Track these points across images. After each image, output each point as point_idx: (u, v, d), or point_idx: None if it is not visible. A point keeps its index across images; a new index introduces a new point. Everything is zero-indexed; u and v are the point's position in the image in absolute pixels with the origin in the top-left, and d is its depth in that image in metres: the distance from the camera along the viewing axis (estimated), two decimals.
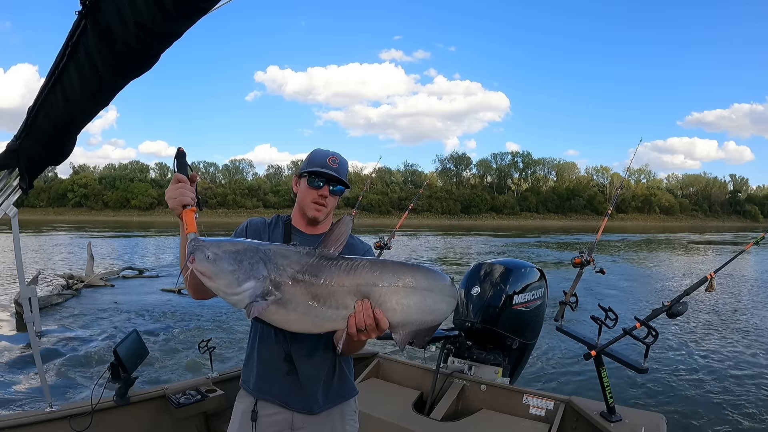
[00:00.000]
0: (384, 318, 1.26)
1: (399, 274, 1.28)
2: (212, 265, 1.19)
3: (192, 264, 1.20)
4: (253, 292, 1.20)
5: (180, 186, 1.36)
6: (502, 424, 2.70)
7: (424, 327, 1.32)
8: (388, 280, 1.27)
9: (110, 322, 8.66)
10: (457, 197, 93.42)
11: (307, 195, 1.62)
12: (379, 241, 4.12)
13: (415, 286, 1.28)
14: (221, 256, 1.20)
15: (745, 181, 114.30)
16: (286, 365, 1.58)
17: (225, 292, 1.21)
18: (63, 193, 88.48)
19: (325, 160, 1.62)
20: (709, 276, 2.51)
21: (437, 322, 1.33)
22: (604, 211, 3.86)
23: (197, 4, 1.44)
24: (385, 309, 1.26)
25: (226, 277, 1.20)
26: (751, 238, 3.07)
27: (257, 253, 1.24)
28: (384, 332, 1.30)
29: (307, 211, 1.63)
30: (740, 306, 11.11)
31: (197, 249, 1.21)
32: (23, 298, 2.23)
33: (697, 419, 4.99)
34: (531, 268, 3.50)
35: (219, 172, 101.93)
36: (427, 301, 1.30)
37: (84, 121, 1.80)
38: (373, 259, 1.36)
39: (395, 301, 1.27)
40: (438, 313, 1.32)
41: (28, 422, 2.22)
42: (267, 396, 1.61)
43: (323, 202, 1.62)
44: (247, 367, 1.70)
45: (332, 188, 1.62)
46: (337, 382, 1.66)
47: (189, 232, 1.29)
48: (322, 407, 1.62)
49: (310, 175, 1.61)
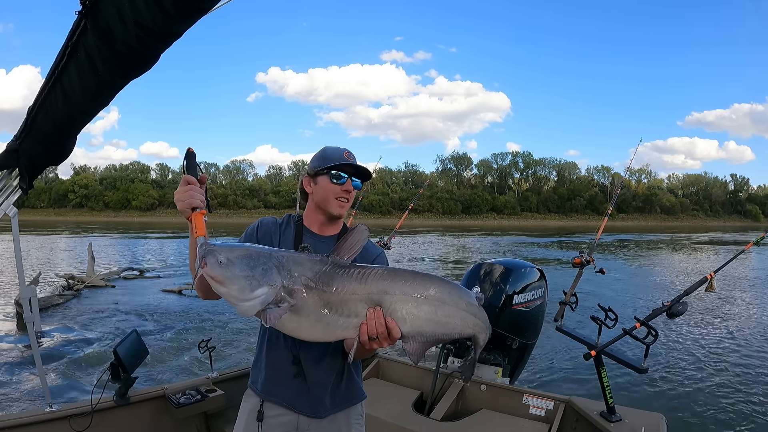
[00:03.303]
0: (396, 327, 1.24)
1: (411, 284, 1.26)
2: (224, 270, 1.16)
3: (203, 269, 1.16)
4: (265, 299, 1.18)
5: (189, 188, 1.34)
6: (502, 424, 2.70)
7: (435, 339, 1.29)
8: (399, 289, 1.25)
9: (110, 323, 8.67)
10: (458, 197, 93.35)
11: (329, 191, 1.57)
12: (379, 241, 4.13)
13: (427, 297, 1.26)
14: (234, 261, 1.18)
15: (746, 180, 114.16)
16: (294, 368, 1.57)
17: (237, 297, 1.18)
18: (64, 194, 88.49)
19: (342, 155, 1.58)
20: (709, 276, 2.51)
21: (450, 336, 1.30)
22: (604, 211, 3.86)
23: (197, 4, 1.44)
24: (395, 318, 1.24)
25: (239, 282, 1.17)
26: (752, 237, 3.06)
27: (270, 260, 1.21)
28: (396, 341, 1.27)
29: (331, 208, 1.59)
30: (740, 306, 11.10)
31: (209, 253, 1.18)
32: (23, 298, 2.24)
33: (697, 419, 4.98)
34: (531, 268, 3.50)
35: (220, 172, 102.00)
36: (439, 312, 1.27)
37: (84, 121, 1.81)
38: (387, 267, 1.33)
39: (405, 311, 1.25)
40: (450, 327, 1.29)
41: (28, 422, 2.23)
42: (274, 398, 1.60)
43: (347, 197, 1.59)
44: (255, 368, 1.68)
45: (354, 182, 1.60)
46: (345, 386, 1.64)
47: (199, 235, 1.27)
48: (329, 411, 1.60)
49: (330, 171, 1.57)
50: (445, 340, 1.31)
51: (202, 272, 1.17)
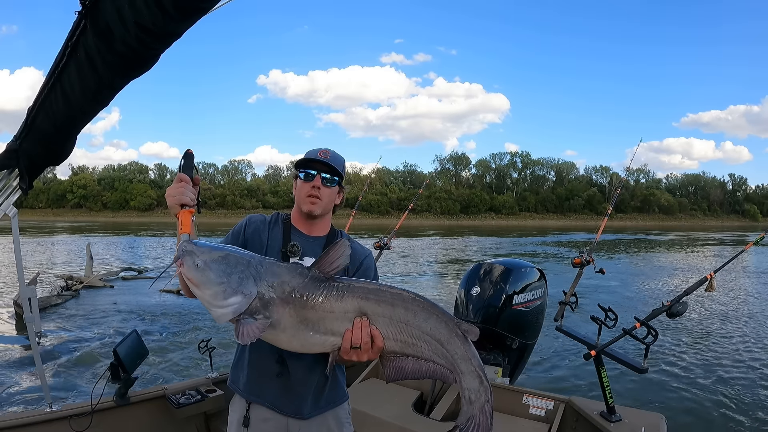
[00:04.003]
0: (380, 336, 1.25)
1: (389, 301, 1.26)
2: (200, 273, 1.17)
3: (181, 268, 1.18)
4: (238, 308, 1.18)
5: (181, 185, 1.36)
6: (502, 424, 2.70)
7: (411, 364, 1.29)
8: (377, 308, 1.25)
9: (110, 323, 8.65)
10: (456, 197, 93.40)
11: (301, 190, 1.63)
12: (379, 241, 4.13)
13: (403, 316, 1.26)
14: (210, 266, 1.18)
15: (744, 180, 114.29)
16: (278, 367, 1.57)
17: (209, 303, 1.19)
18: (62, 194, 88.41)
19: (315, 153, 1.63)
20: (709, 276, 2.51)
21: (426, 365, 1.29)
22: (603, 210, 3.87)
23: (197, 4, 1.44)
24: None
25: (213, 288, 1.17)
26: (751, 237, 3.07)
27: (249, 268, 1.21)
28: (377, 355, 1.28)
29: (302, 206, 1.62)
30: (740, 306, 11.10)
31: (187, 254, 1.18)
32: (23, 298, 2.23)
33: (697, 419, 4.99)
34: (531, 268, 3.50)
35: (218, 172, 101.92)
36: (411, 333, 1.27)
37: (84, 121, 1.80)
38: (365, 283, 1.32)
39: (383, 329, 1.26)
40: (420, 351, 1.28)
41: (28, 422, 2.23)
42: (258, 399, 1.60)
43: (317, 194, 1.60)
44: (236, 368, 1.68)
45: (324, 177, 1.61)
46: (329, 388, 1.64)
47: (183, 233, 1.28)
48: (311, 412, 1.60)
49: (301, 169, 1.63)
50: (423, 370, 1.28)
51: (180, 271, 1.18)
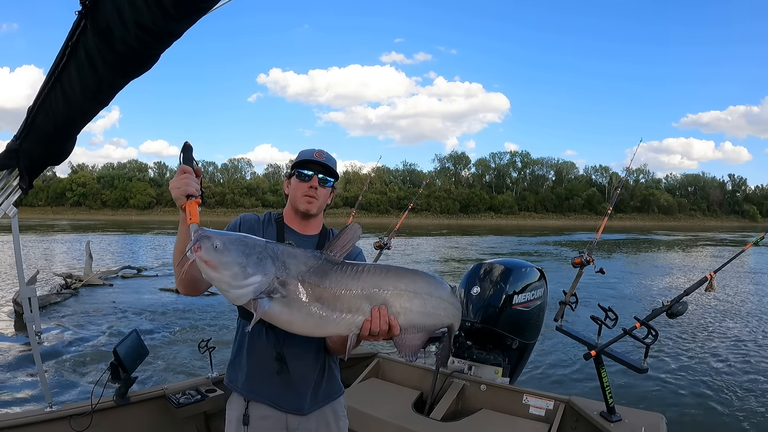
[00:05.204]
0: (397, 324, 1.29)
1: (402, 279, 1.32)
2: (220, 255, 1.15)
3: (197, 252, 1.14)
4: (258, 287, 1.18)
5: (185, 176, 1.35)
6: (502, 424, 2.70)
7: (425, 332, 1.36)
8: (391, 285, 1.30)
9: (109, 322, 8.65)
10: (456, 197, 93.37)
11: (297, 189, 1.65)
12: (379, 241, 4.13)
13: (417, 291, 1.32)
14: (229, 247, 1.17)
15: (743, 180, 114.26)
16: (277, 365, 1.57)
17: (229, 284, 1.17)
18: (61, 192, 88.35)
19: (311, 154, 1.66)
20: (709, 276, 2.51)
21: (435, 327, 1.38)
22: (602, 210, 3.88)
23: (197, 4, 1.44)
24: (390, 313, 1.29)
25: (233, 268, 1.16)
26: (751, 238, 3.07)
27: (266, 249, 1.22)
28: (392, 337, 1.32)
29: (299, 204, 1.64)
30: (740, 306, 11.11)
31: (204, 238, 1.16)
32: (23, 297, 2.23)
33: (697, 419, 4.99)
34: (531, 268, 3.50)
35: (218, 171, 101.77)
36: (428, 305, 1.34)
37: (84, 121, 1.80)
38: (377, 264, 1.40)
39: (399, 305, 1.30)
40: (438, 318, 1.37)
41: (28, 422, 2.22)
42: (257, 396, 1.61)
43: (313, 194, 1.64)
44: (233, 366, 1.68)
45: (321, 178, 1.65)
46: (326, 383, 1.68)
47: (193, 222, 1.26)
48: (310, 408, 1.63)
49: (297, 170, 1.66)
50: (432, 333, 1.38)
51: (195, 256, 1.15)
